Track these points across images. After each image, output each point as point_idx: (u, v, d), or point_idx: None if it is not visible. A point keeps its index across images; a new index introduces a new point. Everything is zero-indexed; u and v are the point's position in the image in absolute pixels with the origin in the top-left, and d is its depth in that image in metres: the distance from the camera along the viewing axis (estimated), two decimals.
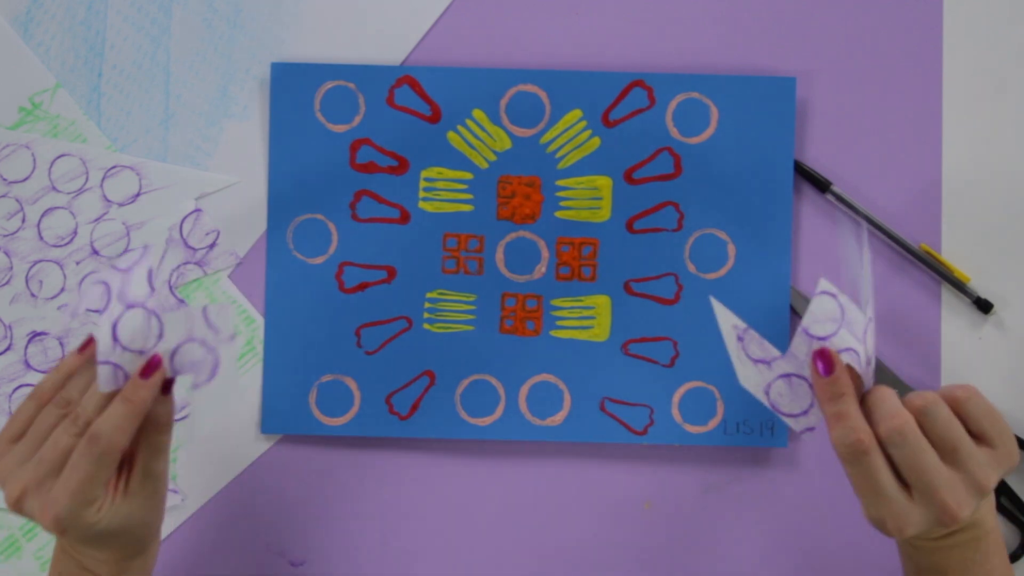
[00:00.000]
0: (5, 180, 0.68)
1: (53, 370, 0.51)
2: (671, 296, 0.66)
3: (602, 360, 0.66)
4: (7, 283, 0.67)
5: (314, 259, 0.67)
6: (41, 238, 0.67)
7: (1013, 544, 0.65)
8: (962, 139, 0.67)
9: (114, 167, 0.67)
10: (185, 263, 0.67)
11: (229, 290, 0.67)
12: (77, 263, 0.67)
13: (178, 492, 0.66)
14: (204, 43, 0.68)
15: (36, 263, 0.67)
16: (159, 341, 0.50)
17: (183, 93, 0.68)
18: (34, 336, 0.67)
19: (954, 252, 0.67)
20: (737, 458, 0.67)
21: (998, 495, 0.64)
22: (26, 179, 0.68)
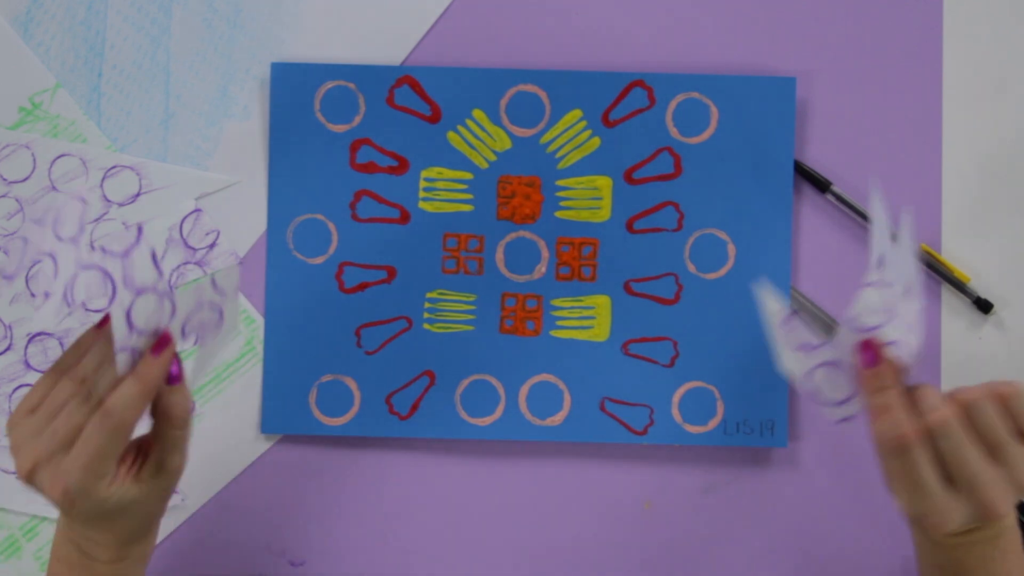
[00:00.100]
0: (5, 180, 0.68)
1: (72, 345, 0.52)
2: (671, 296, 0.66)
3: (602, 360, 0.66)
4: (7, 283, 0.67)
5: (314, 259, 0.67)
6: None
7: None
8: (962, 139, 0.67)
9: (114, 167, 0.67)
10: (185, 263, 0.67)
11: None
12: None
13: (178, 492, 0.66)
14: (204, 43, 0.68)
15: (36, 263, 0.67)
16: (172, 319, 0.51)
17: (183, 93, 0.68)
18: (34, 336, 0.67)
19: (954, 252, 0.67)
20: (737, 458, 0.67)
21: None
22: (26, 179, 0.68)
